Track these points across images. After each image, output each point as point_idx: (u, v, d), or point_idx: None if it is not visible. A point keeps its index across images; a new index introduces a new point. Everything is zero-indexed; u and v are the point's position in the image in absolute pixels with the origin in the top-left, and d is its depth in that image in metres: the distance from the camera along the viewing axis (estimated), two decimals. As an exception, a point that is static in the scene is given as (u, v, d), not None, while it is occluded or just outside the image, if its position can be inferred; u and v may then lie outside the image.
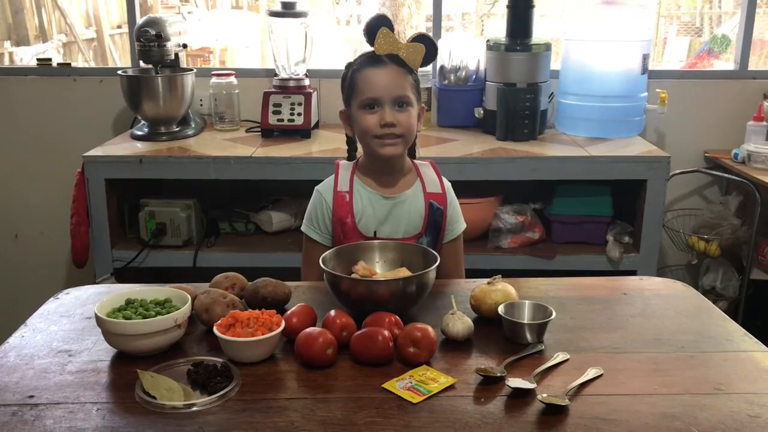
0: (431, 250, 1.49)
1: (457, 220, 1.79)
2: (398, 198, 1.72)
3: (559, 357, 1.25)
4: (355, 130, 1.71)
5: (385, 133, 1.64)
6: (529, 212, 2.60)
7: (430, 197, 1.73)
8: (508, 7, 2.68)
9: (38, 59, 3.01)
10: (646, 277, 1.71)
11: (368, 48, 1.67)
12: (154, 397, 1.10)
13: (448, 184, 1.79)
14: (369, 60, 1.67)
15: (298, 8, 2.69)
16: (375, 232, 1.69)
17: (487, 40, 2.74)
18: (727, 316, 1.45)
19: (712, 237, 2.80)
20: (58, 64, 3.00)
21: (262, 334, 1.21)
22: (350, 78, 1.69)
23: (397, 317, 1.29)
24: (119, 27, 6.60)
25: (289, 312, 1.31)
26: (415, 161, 1.79)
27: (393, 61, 1.65)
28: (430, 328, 1.24)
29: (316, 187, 1.78)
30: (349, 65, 1.72)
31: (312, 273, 1.70)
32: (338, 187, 1.72)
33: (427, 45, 1.65)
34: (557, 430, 1.05)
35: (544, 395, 1.11)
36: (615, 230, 2.56)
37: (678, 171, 2.80)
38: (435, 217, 1.72)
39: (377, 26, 1.63)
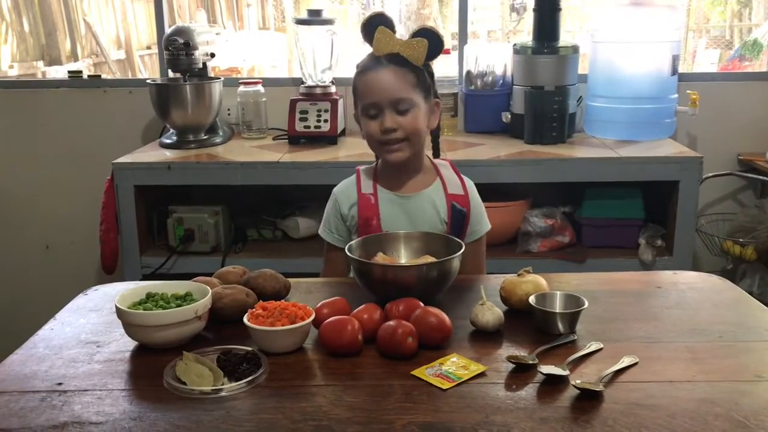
0: (455, 238, 1.47)
1: (480, 221, 1.73)
2: (414, 197, 1.67)
3: (593, 346, 1.22)
4: (364, 135, 1.68)
5: (388, 139, 1.59)
6: (559, 215, 2.56)
7: (452, 198, 1.67)
8: (534, 10, 2.67)
9: (69, 71, 3.06)
10: (681, 271, 1.67)
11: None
12: (184, 383, 1.09)
13: (470, 184, 1.73)
14: (368, 62, 1.61)
15: (324, 15, 2.71)
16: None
17: (514, 44, 2.72)
18: (766, 308, 1.40)
19: (748, 241, 2.73)
20: (89, 76, 3.03)
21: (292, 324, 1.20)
22: (354, 82, 1.65)
23: (408, 304, 1.27)
24: (148, 48, 6.72)
25: (320, 304, 1.30)
26: (434, 161, 1.75)
27: (392, 62, 1.57)
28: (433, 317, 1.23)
29: (333, 190, 1.74)
30: (356, 67, 1.66)
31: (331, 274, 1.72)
32: (362, 189, 1.68)
33: (431, 38, 1.56)
34: (592, 415, 1.02)
35: (578, 381, 1.08)
36: (647, 233, 2.51)
37: (711, 174, 2.75)
38: (457, 219, 1.67)
39: (375, 25, 1.57)
